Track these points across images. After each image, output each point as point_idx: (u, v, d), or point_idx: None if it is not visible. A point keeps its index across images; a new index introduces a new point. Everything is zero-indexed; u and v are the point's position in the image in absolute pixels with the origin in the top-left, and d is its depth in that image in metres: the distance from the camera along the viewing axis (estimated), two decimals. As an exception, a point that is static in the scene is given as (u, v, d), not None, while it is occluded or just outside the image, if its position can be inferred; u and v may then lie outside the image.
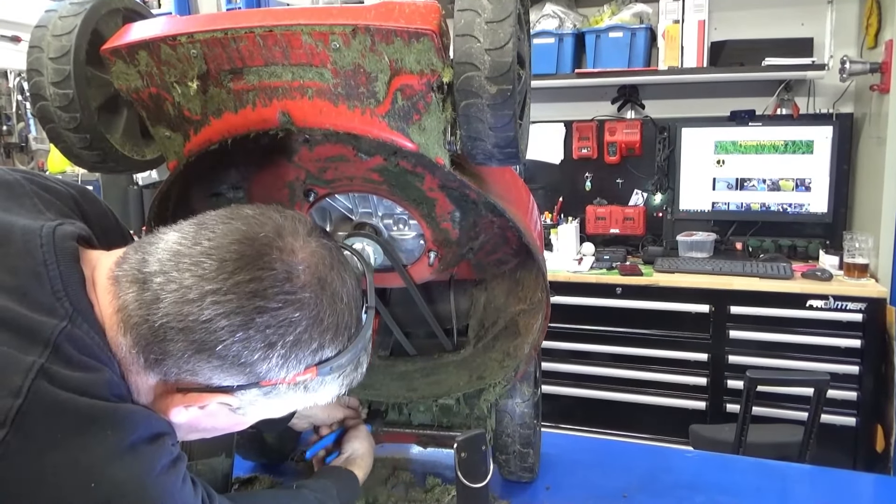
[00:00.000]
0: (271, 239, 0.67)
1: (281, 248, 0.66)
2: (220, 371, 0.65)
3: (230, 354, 0.64)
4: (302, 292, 0.66)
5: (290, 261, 0.66)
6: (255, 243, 0.66)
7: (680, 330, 2.86)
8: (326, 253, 0.70)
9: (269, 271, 0.65)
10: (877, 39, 2.80)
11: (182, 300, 0.63)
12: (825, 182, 2.99)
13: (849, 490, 1.27)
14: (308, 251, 0.68)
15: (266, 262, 0.65)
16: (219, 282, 0.63)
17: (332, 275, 0.69)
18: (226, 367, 0.65)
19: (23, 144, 4.11)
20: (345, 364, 0.72)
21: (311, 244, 0.69)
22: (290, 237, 0.68)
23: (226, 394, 0.67)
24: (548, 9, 3.30)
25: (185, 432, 0.73)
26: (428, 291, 1.25)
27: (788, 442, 2.13)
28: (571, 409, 3.04)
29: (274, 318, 0.64)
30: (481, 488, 1.04)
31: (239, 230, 0.67)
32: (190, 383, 0.66)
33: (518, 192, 1.08)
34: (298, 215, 0.72)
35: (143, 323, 0.64)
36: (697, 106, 3.34)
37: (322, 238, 0.72)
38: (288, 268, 0.66)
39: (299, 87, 0.81)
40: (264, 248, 0.66)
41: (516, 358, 1.14)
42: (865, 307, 2.60)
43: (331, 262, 0.70)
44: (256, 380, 0.67)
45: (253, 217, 0.69)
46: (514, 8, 0.74)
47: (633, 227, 3.36)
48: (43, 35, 0.85)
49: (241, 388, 0.67)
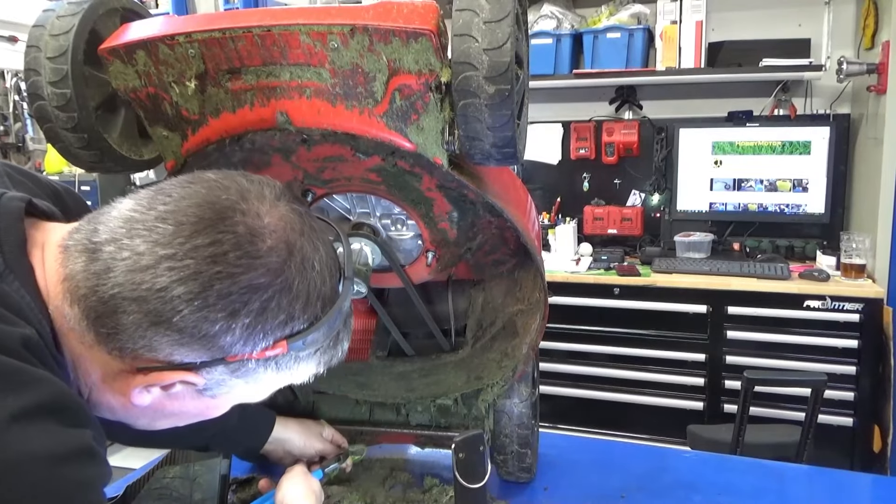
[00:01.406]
0: (234, 202, 0.61)
1: (244, 212, 0.61)
2: (179, 345, 0.60)
3: (189, 326, 0.58)
4: (268, 257, 0.60)
5: (255, 224, 0.61)
6: (215, 206, 0.60)
7: (677, 330, 2.87)
8: (296, 218, 0.65)
9: (231, 234, 0.59)
10: (874, 40, 2.81)
11: (134, 268, 0.58)
12: (822, 183, 2.99)
13: (846, 490, 1.27)
14: (276, 215, 0.63)
15: (228, 225, 0.60)
16: (175, 246, 0.58)
17: (301, 240, 0.64)
18: (185, 340, 0.59)
19: (20, 144, 4.10)
20: (320, 338, 0.66)
21: (279, 208, 0.64)
22: (256, 200, 0.63)
23: (189, 371, 0.62)
24: (545, 9, 3.30)
25: (152, 419, 0.68)
26: (426, 292, 1.25)
27: (786, 442, 2.14)
28: (569, 409, 3.04)
29: (235, 284, 0.59)
30: (479, 489, 1.04)
31: (198, 193, 0.62)
32: (149, 360, 0.61)
33: (516, 193, 1.08)
34: (266, 179, 0.67)
35: (91, 294, 0.59)
36: (695, 106, 3.35)
37: (293, 203, 0.66)
38: (252, 231, 0.60)
39: (297, 86, 0.81)
40: (226, 210, 0.60)
41: (514, 358, 1.14)
42: (862, 307, 2.61)
43: (301, 227, 0.64)
44: (221, 355, 0.61)
45: (215, 181, 0.63)
46: (512, 8, 0.74)
47: (631, 228, 3.36)
48: (41, 35, 0.85)
49: (205, 364, 0.62)
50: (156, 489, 1.05)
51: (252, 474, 1.27)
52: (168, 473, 1.07)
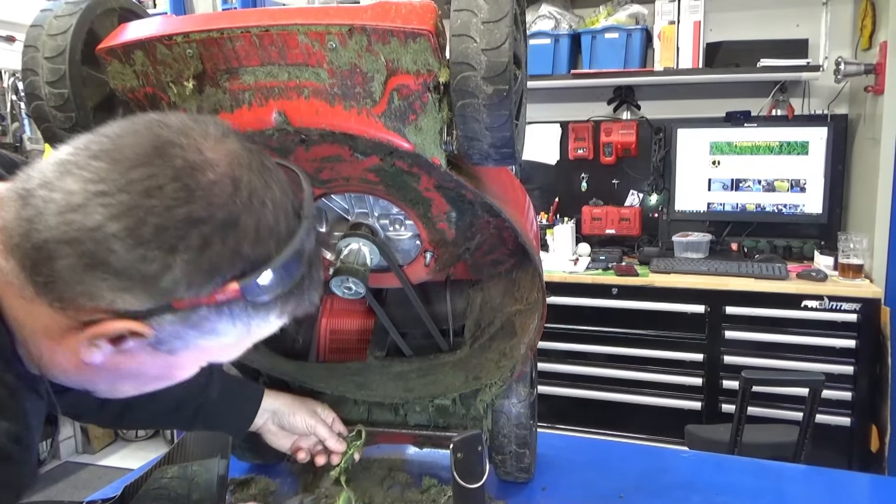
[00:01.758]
0: (175, 136, 0.58)
1: (184, 146, 0.57)
2: (120, 290, 0.56)
3: (126, 266, 0.55)
4: (209, 189, 0.56)
5: (196, 157, 0.57)
6: (154, 141, 0.57)
7: (675, 330, 2.87)
8: (245, 153, 0.61)
9: (168, 167, 0.56)
10: (871, 41, 2.82)
11: (66, 208, 0.54)
12: (820, 183, 3.00)
13: (844, 490, 1.27)
14: (222, 151, 0.59)
15: (166, 159, 0.56)
16: (108, 182, 0.55)
17: (250, 175, 0.59)
18: (125, 283, 0.55)
19: (17, 145, 4.09)
20: (277, 281, 0.60)
21: (225, 144, 0.60)
22: (199, 136, 0.59)
23: (135, 321, 0.57)
24: (544, 9, 3.30)
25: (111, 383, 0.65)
26: (424, 292, 1.25)
27: (784, 442, 2.14)
28: (567, 409, 3.04)
29: (171, 217, 0.55)
30: (477, 489, 1.04)
31: (136, 131, 0.58)
32: (92, 311, 0.57)
33: (514, 193, 1.08)
34: (215, 119, 0.64)
35: (24, 242, 0.55)
36: (693, 107, 3.35)
37: (243, 142, 0.62)
38: (192, 164, 0.57)
39: (296, 86, 0.81)
40: (165, 145, 0.57)
41: (512, 358, 1.14)
42: (860, 307, 2.61)
43: (249, 163, 0.60)
44: (166, 300, 0.57)
45: (156, 119, 0.60)
46: (510, 8, 0.74)
47: (629, 228, 3.37)
48: (38, 34, 0.85)
49: (151, 312, 0.57)
50: (154, 489, 1.04)
51: (251, 475, 1.27)
52: (166, 474, 1.07)
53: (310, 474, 1.26)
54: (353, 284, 1.03)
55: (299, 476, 1.27)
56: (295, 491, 1.23)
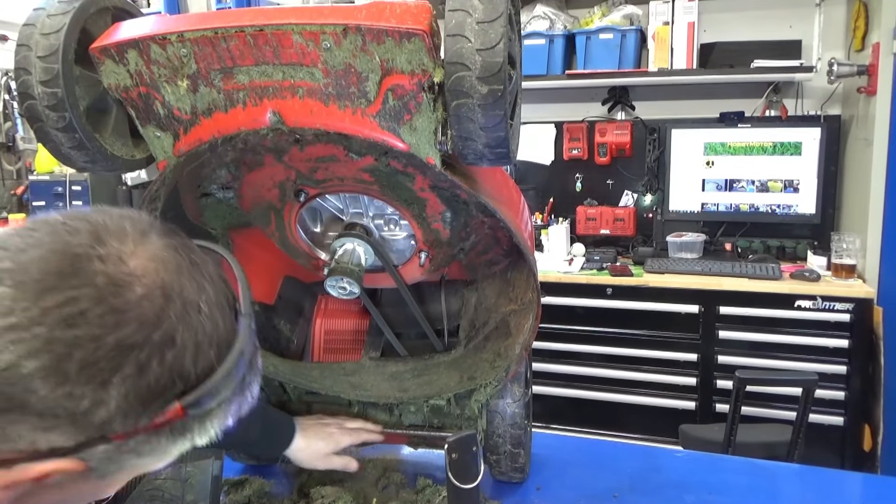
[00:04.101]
0: (88, 246, 0.51)
1: (103, 258, 0.51)
2: (42, 430, 0.49)
3: (49, 406, 0.48)
4: (138, 307, 0.50)
5: (118, 270, 0.51)
6: (65, 255, 0.50)
7: (670, 330, 2.87)
8: (171, 254, 0.55)
9: (88, 288, 0.49)
10: (864, 42, 2.83)
11: None
12: (813, 183, 3.01)
13: (837, 489, 1.27)
14: (145, 255, 0.53)
15: (83, 277, 0.49)
16: (18, 314, 0.47)
17: (181, 280, 0.54)
18: (48, 422, 0.49)
19: (10, 144, 4.07)
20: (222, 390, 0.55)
21: (147, 246, 0.54)
22: (115, 241, 0.52)
23: (62, 459, 0.50)
24: (538, 10, 3.30)
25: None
26: (419, 292, 1.25)
27: (777, 441, 2.14)
28: (562, 409, 3.05)
29: (101, 349, 0.48)
30: (472, 489, 1.04)
31: (42, 242, 0.51)
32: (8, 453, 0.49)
33: (509, 193, 1.08)
34: (129, 212, 0.57)
35: None
36: (687, 107, 3.36)
37: (164, 237, 0.56)
38: (114, 280, 0.50)
39: (290, 86, 0.81)
40: (79, 259, 0.50)
41: (507, 358, 1.14)
42: (853, 307, 2.62)
43: (178, 264, 0.55)
44: (99, 433, 0.50)
45: (62, 223, 0.52)
46: (504, 8, 0.74)
47: (624, 228, 3.37)
48: (31, 33, 0.85)
49: (81, 446, 0.50)
50: (147, 490, 1.04)
51: (245, 476, 1.26)
52: (160, 475, 1.06)
53: (304, 475, 1.26)
54: (347, 284, 1.03)
55: (293, 477, 1.27)
56: (289, 492, 1.23)
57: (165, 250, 0.55)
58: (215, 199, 1.10)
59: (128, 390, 0.50)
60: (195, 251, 0.59)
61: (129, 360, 0.50)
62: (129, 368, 0.50)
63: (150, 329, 0.51)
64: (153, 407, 0.52)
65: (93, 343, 0.48)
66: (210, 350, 0.55)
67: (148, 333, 0.51)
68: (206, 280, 0.57)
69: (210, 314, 0.55)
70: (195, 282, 0.55)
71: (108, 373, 0.49)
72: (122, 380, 0.49)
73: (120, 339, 0.49)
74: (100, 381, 0.49)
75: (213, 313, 0.56)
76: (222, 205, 1.11)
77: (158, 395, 0.52)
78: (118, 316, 0.49)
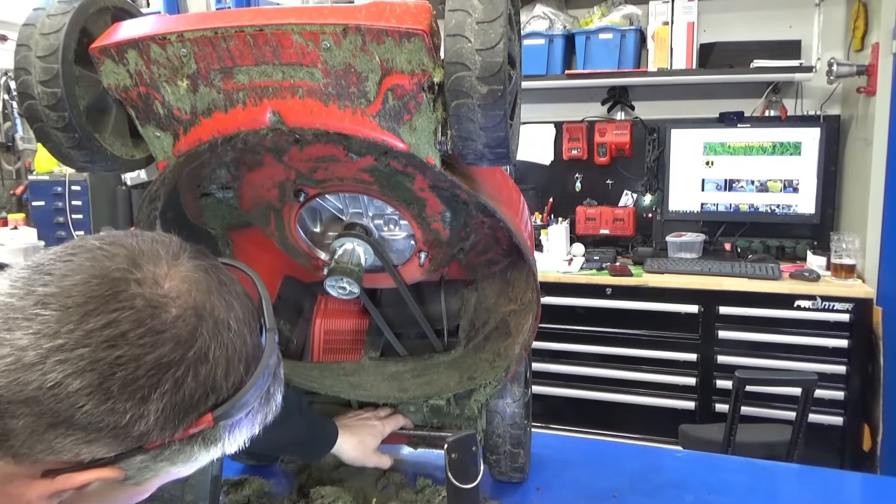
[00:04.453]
0: (126, 270, 0.55)
1: (140, 281, 0.54)
2: (86, 443, 0.53)
3: (93, 422, 0.51)
4: (174, 328, 0.54)
5: (154, 293, 0.54)
6: (105, 279, 0.53)
7: (669, 330, 2.87)
8: (202, 275, 0.59)
9: (128, 311, 0.52)
10: (863, 42, 2.83)
11: (17, 366, 0.50)
12: (813, 183, 3.01)
13: (836, 489, 1.27)
14: (178, 277, 0.57)
15: (122, 300, 0.53)
16: (63, 336, 0.51)
17: (212, 300, 0.58)
18: (92, 437, 0.52)
19: (10, 144, 4.07)
20: (249, 401, 0.59)
21: (179, 268, 0.58)
22: (150, 264, 0.56)
23: (102, 468, 0.54)
24: (538, 10, 3.30)
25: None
26: (419, 292, 1.25)
27: (777, 441, 2.14)
28: (562, 409, 3.05)
29: (141, 367, 0.52)
30: (472, 489, 1.04)
31: (82, 267, 0.54)
32: (54, 463, 0.53)
33: (509, 193, 1.08)
34: (160, 236, 0.61)
35: None
36: (686, 107, 3.36)
37: (194, 259, 0.60)
38: (151, 302, 0.54)
39: (290, 86, 0.81)
40: (118, 283, 0.54)
41: (507, 358, 1.14)
42: (852, 307, 2.63)
43: (208, 285, 0.58)
44: (137, 444, 0.54)
45: (100, 248, 0.56)
46: (504, 8, 0.74)
47: (623, 228, 3.37)
48: (31, 33, 0.84)
49: (120, 457, 0.54)
50: (147, 490, 1.04)
51: (244, 476, 1.26)
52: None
53: (304, 475, 1.26)
54: (347, 284, 1.03)
55: (293, 477, 1.27)
56: (289, 492, 1.23)
57: (196, 271, 0.59)
58: (215, 198, 1.10)
59: (165, 404, 0.54)
60: (223, 271, 0.62)
61: (167, 377, 0.53)
62: (167, 385, 0.53)
63: (185, 348, 0.54)
64: (188, 419, 0.56)
65: (133, 363, 0.52)
66: (240, 365, 0.59)
67: (184, 352, 0.54)
68: (234, 298, 0.60)
69: (238, 331, 0.59)
70: (224, 301, 0.59)
71: (148, 389, 0.53)
72: (160, 395, 0.53)
73: (158, 358, 0.53)
74: (140, 397, 0.52)
75: (241, 330, 0.59)
76: (222, 205, 1.11)
77: (193, 408, 0.56)
78: (156, 336, 0.53)
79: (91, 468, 0.54)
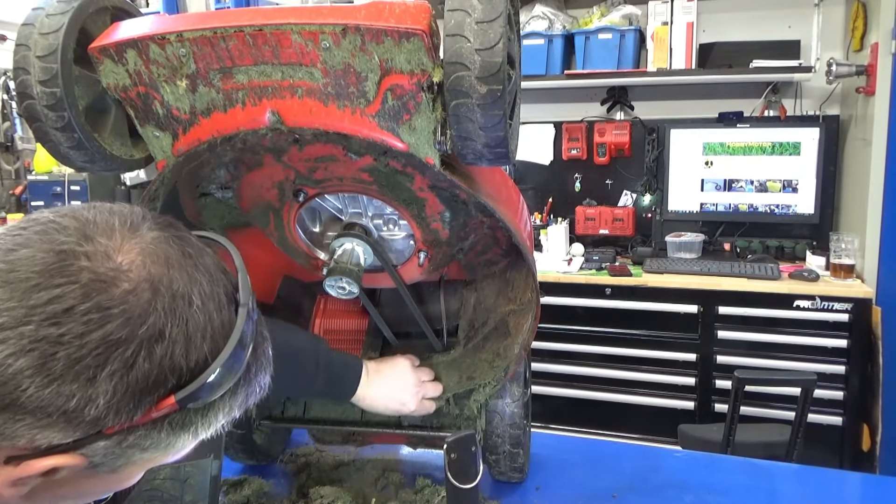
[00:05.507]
0: (75, 243, 0.51)
1: (89, 254, 0.51)
2: (38, 428, 0.49)
3: (40, 404, 0.48)
4: (124, 303, 0.50)
5: (104, 266, 0.51)
6: (51, 253, 0.50)
7: (668, 330, 2.88)
8: (162, 247, 0.54)
9: (73, 286, 0.49)
10: (862, 42, 2.83)
11: None
12: (812, 183, 3.01)
13: (835, 489, 1.28)
14: (134, 250, 0.53)
15: (69, 275, 0.49)
16: (5, 313, 0.48)
17: (171, 274, 0.53)
18: (42, 420, 0.49)
19: (9, 144, 4.07)
20: (220, 382, 0.54)
21: (136, 240, 0.53)
22: (103, 237, 0.52)
23: (62, 454, 0.51)
24: (537, 10, 3.30)
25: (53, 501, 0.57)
26: (418, 292, 1.25)
27: (776, 441, 2.15)
28: (561, 409, 3.05)
29: (86, 346, 0.48)
30: (471, 489, 1.04)
31: (30, 241, 0.51)
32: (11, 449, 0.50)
33: (508, 193, 1.08)
34: (121, 207, 0.57)
35: None
36: (686, 107, 3.36)
37: (157, 230, 0.55)
38: (101, 276, 0.50)
39: (289, 86, 0.81)
40: (65, 256, 0.50)
41: (506, 358, 1.14)
42: (851, 307, 2.63)
43: (167, 257, 0.54)
44: (95, 429, 0.51)
45: (52, 221, 0.52)
46: (504, 8, 0.74)
47: (623, 228, 3.37)
48: (30, 33, 0.84)
49: (80, 443, 0.51)
50: (146, 490, 1.04)
51: (244, 476, 1.26)
52: (159, 475, 1.06)
53: (303, 475, 1.26)
54: (346, 284, 1.03)
55: (293, 477, 1.27)
56: (288, 492, 1.23)
57: (155, 243, 0.54)
58: (214, 198, 1.10)
59: (116, 386, 0.50)
60: (190, 243, 0.57)
61: (115, 356, 0.49)
62: (116, 364, 0.49)
63: (136, 324, 0.50)
64: (145, 402, 0.51)
65: (77, 341, 0.48)
66: (203, 344, 0.54)
67: (134, 329, 0.50)
68: (200, 272, 0.56)
69: (203, 306, 0.54)
70: (186, 274, 0.54)
71: (94, 370, 0.49)
72: (109, 376, 0.49)
73: (104, 336, 0.49)
74: (86, 378, 0.49)
75: (206, 305, 0.54)
76: (221, 205, 1.11)
77: (150, 390, 0.51)
78: (103, 313, 0.49)
79: (49, 454, 0.51)
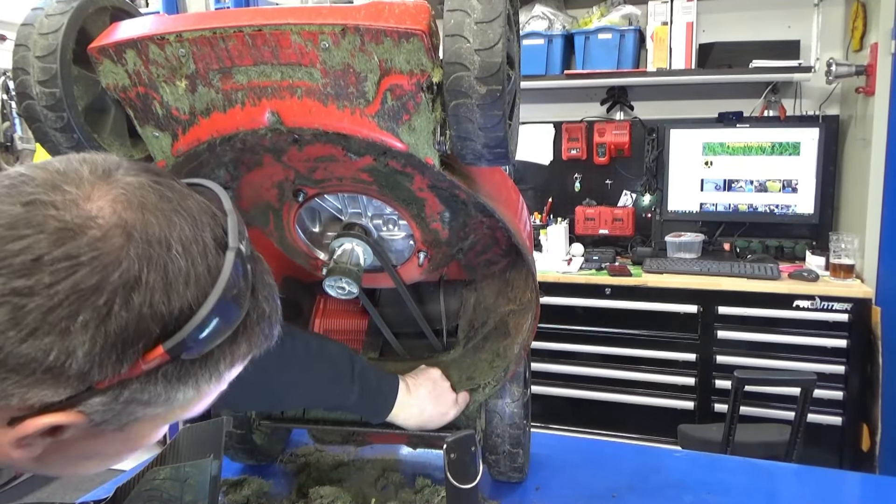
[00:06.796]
0: (42, 193, 0.49)
1: (57, 204, 0.49)
2: (27, 386, 0.48)
3: (20, 361, 0.47)
4: (94, 251, 0.48)
5: (73, 214, 0.49)
6: (18, 206, 0.48)
7: (668, 330, 2.88)
8: (136, 192, 0.52)
9: (40, 234, 0.47)
10: (862, 42, 2.83)
11: None
12: (812, 183, 3.02)
13: (835, 489, 1.27)
14: (105, 196, 0.50)
15: (35, 225, 0.47)
16: None
17: (146, 218, 0.50)
18: (28, 378, 0.48)
19: (8, 144, 4.07)
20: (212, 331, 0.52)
21: (107, 187, 0.51)
22: (71, 186, 0.50)
23: (59, 412, 0.50)
24: (537, 10, 3.31)
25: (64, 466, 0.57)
26: (417, 292, 1.25)
27: (776, 441, 2.15)
28: (561, 409, 3.05)
29: (56, 297, 0.46)
30: (471, 489, 1.04)
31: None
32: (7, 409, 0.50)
33: (508, 193, 1.08)
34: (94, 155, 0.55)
35: None
36: (685, 107, 3.36)
37: (132, 175, 0.53)
38: (68, 224, 0.48)
39: (289, 86, 0.81)
40: (32, 207, 0.48)
41: (506, 358, 1.14)
42: (851, 307, 2.63)
43: (142, 201, 0.51)
44: (84, 384, 0.49)
45: (20, 175, 0.51)
46: (503, 8, 0.74)
47: (622, 228, 3.38)
48: (29, 33, 0.84)
49: (74, 400, 0.50)
50: (146, 491, 1.04)
51: (244, 476, 1.26)
52: (158, 475, 1.06)
53: (303, 475, 1.26)
54: (346, 284, 1.03)
55: (292, 477, 1.27)
56: (288, 492, 1.23)
57: (128, 188, 0.52)
58: (214, 199, 1.10)
59: (94, 337, 0.48)
60: (171, 187, 0.54)
61: (87, 305, 0.47)
62: (89, 314, 0.47)
63: (107, 272, 0.48)
64: (129, 353, 0.49)
65: (47, 290, 0.46)
66: (187, 290, 0.51)
67: (105, 276, 0.48)
68: (181, 216, 0.53)
69: (185, 251, 0.51)
70: (164, 217, 0.52)
71: (67, 321, 0.47)
72: (83, 327, 0.47)
73: (74, 285, 0.47)
74: (60, 329, 0.47)
75: (188, 249, 0.52)
76: None
77: (133, 341, 0.49)
78: (72, 261, 0.47)
79: (45, 413, 0.50)
